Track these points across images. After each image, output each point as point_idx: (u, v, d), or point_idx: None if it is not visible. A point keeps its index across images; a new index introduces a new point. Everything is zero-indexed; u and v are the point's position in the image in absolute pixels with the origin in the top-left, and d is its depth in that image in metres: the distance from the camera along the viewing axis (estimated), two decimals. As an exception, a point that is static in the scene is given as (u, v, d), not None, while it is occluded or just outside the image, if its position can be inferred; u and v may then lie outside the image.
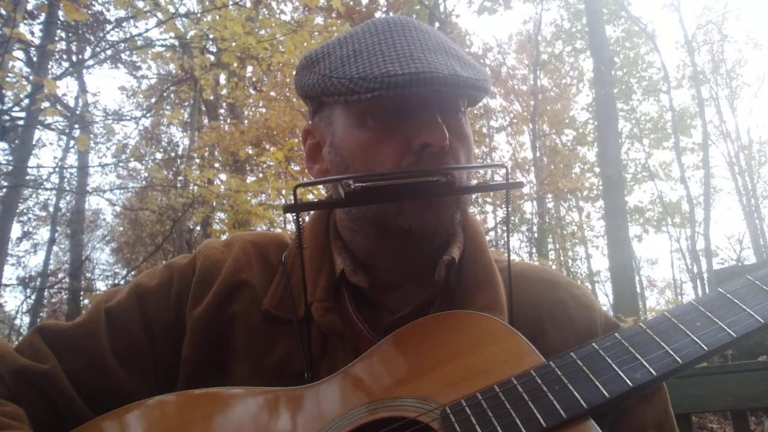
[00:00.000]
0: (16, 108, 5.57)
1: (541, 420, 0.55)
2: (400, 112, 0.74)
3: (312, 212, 0.90)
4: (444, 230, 0.76)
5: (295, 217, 0.75)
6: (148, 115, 11.76)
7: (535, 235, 17.36)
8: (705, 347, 0.57)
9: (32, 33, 8.51)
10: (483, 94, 0.77)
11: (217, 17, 5.13)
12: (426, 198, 0.73)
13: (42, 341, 0.78)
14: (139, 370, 0.79)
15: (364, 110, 0.75)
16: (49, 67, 9.08)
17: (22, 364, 0.75)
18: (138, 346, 0.79)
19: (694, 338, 0.58)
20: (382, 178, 0.71)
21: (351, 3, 11.95)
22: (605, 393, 0.56)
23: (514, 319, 0.76)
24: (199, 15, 5.38)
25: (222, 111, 13.13)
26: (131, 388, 0.77)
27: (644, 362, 0.58)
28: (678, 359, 0.57)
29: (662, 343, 0.59)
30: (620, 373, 0.57)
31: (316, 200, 0.85)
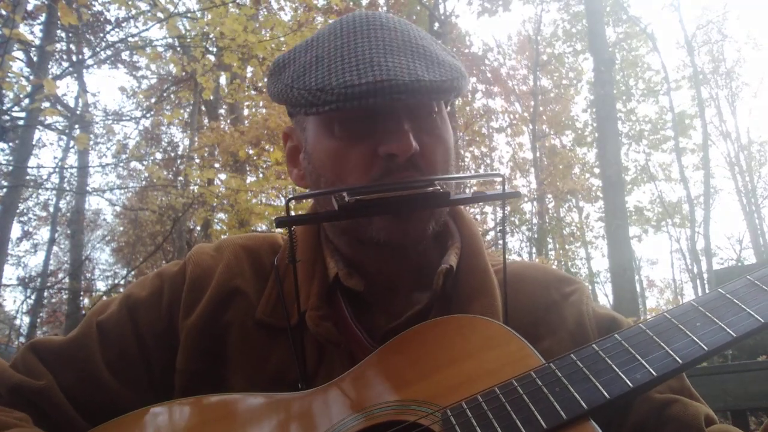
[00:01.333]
0: (16, 108, 5.57)
1: (542, 421, 0.55)
2: (365, 119, 0.72)
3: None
4: (414, 241, 0.75)
5: (288, 231, 0.73)
6: (148, 115, 11.76)
7: (535, 235, 17.36)
8: (705, 347, 0.57)
9: (33, 33, 8.52)
10: (450, 95, 0.72)
11: (218, 18, 5.12)
12: (421, 209, 0.72)
13: (35, 358, 0.78)
14: (134, 382, 0.78)
15: (331, 118, 0.73)
16: (49, 67, 9.07)
17: (17, 380, 0.75)
18: (131, 357, 0.79)
19: (694, 338, 0.58)
20: (375, 190, 0.69)
21: (351, 4, 11.94)
22: (605, 394, 0.55)
23: (509, 325, 0.76)
24: (198, 13, 5.37)
25: (222, 111, 13.13)
26: (126, 400, 0.76)
27: (644, 363, 0.57)
28: (678, 359, 0.57)
29: (662, 344, 0.58)
30: (620, 373, 0.57)
31: (308, 214, 0.83)
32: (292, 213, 0.71)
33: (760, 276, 0.62)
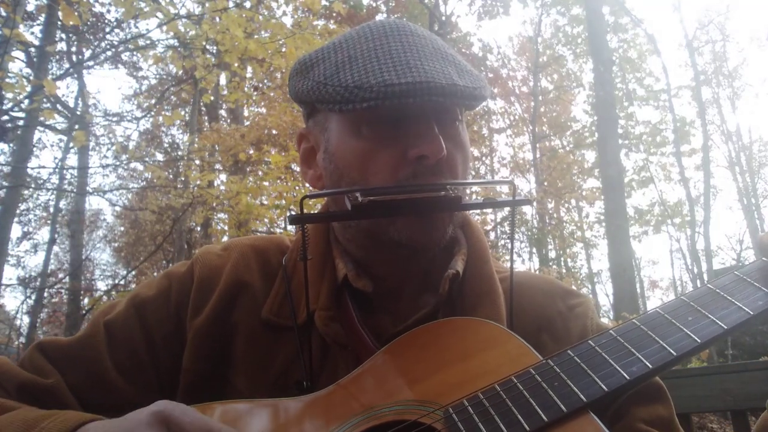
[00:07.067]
0: (16, 108, 5.57)
1: (542, 415, 0.56)
2: (397, 121, 0.72)
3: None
4: (435, 244, 0.75)
5: (301, 229, 0.74)
6: (149, 116, 11.76)
7: (535, 236, 17.36)
8: (698, 340, 0.58)
9: (34, 34, 8.53)
10: (480, 102, 0.74)
11: (217, 18, 5.11)
12: (432, 212, 0.72)
13: (43, 357, 0.78)
14: (142, 382, 0.78)
15: (359, 119, 0.73)
16: (50, 68, 9.08)
17: (25, 378, 0.75)
18: (139, 357, 0.79)
19: (687, 332, 0.60)
20: (389, 191, 0.70)
21: (351, 5, 11.95)
22: (603, 387, 0.57)
23: (513, 331, 0.76)
24: (200, 15, 5.37)
25: (222, 112, 13.14)
26: (135, 400, 0.75)
27: (640, 356, 0.59)
28: (672, 352, 0.58)
29: (656, 338, 0.60)
30: (617, 367, 0.58)
31: (321, 212, 0.83)
32: (306, 211, 0.71)
33: (747, 271, 0.64)
